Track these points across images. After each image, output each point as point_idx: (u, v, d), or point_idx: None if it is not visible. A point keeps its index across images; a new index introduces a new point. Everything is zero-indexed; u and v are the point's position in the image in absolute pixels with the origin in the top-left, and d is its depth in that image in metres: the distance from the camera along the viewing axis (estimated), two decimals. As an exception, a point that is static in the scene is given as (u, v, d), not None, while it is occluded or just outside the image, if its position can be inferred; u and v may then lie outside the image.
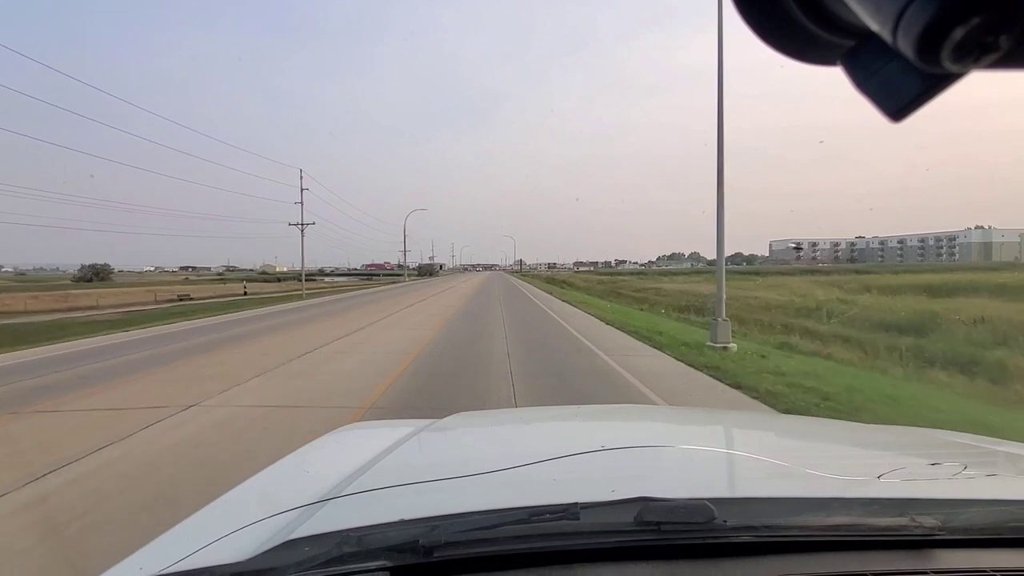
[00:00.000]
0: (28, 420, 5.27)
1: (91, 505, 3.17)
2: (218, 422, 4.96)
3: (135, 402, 5.78)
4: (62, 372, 7.88)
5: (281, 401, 5.73)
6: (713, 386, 6.51)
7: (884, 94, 0.30)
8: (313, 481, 1.16)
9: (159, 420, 5.00)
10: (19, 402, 5.95)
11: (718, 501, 0.76)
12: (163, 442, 4.38)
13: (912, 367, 9.02)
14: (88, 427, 4.87)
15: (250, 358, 8.74)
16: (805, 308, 18.97)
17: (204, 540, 0.83)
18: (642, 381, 6.65)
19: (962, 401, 6.29)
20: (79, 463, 3.88)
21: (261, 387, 6.48)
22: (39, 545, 2.81)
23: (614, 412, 2.19)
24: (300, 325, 14.44)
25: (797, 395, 5.73)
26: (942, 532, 0.75)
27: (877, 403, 5.55)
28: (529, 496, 0.92)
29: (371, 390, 6.13)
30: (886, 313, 16.10)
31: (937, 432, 1.64)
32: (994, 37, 0.24)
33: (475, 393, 6.05)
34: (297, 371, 7.53)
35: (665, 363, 8.11)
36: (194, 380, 6.92)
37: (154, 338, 12.20)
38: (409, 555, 0.71)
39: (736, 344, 9.01)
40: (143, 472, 3.74)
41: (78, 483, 3.53)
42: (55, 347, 10.90)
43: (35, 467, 3.76)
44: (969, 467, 1.04)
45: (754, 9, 0.33)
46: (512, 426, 1.87)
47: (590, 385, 6.46)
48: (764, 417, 2.68)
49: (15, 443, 4.49)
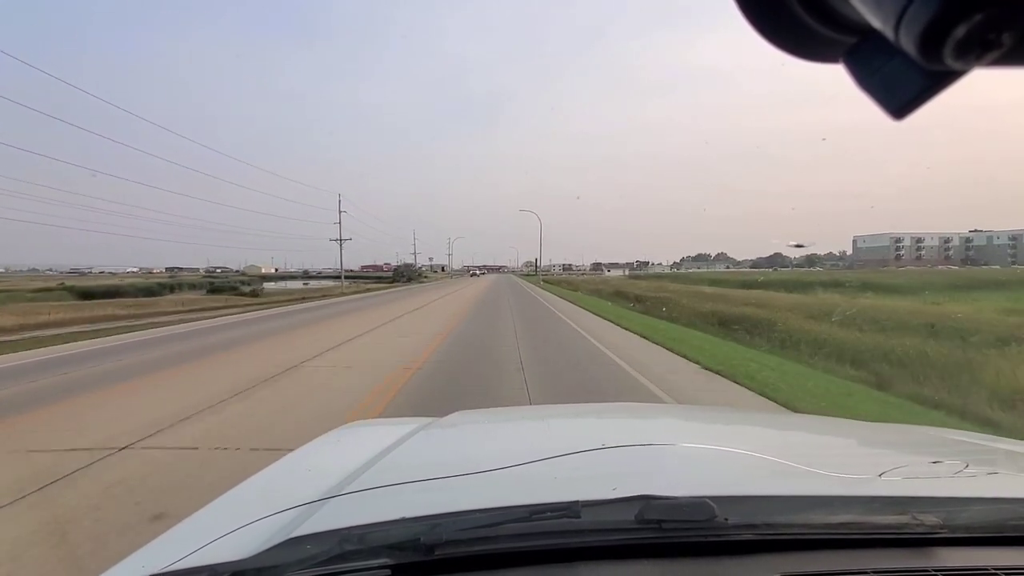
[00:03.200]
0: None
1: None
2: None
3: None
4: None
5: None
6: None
7: (886, 91, 0.30)
8: (315, 479, 1.16)
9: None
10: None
11: (719, 499, 0.77)
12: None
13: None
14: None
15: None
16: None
17: (206, 538, 0.83)
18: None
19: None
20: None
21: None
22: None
23: (615, 410, 2.19)
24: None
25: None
26: (944, 530, 0.75)
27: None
28: (530, 494, 0.92)
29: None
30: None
31: (938, 430, 1.64)
32: (997, 34, 0.24)
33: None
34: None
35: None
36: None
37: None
38: (411, 553, 0.71)
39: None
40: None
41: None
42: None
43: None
44: (970, 465, 1.04)
45: (756, 6, 0.32)
46: (513, 424, 1.87)
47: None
48: (765, 415, 2.69)
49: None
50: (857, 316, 12.16)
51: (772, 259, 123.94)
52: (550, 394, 5.76)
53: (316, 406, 5.37)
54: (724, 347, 9.91)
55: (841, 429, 1.75)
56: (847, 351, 8.95)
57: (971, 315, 12.42)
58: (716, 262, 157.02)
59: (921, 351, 8.13)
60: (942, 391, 6.30)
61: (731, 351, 9.33)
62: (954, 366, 7.32)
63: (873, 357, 8.30)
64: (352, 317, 16.22)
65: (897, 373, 7.35)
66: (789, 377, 6.96)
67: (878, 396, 6.33)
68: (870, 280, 35.72)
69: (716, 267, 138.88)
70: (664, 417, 1.99)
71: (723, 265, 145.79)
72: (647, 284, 37.76)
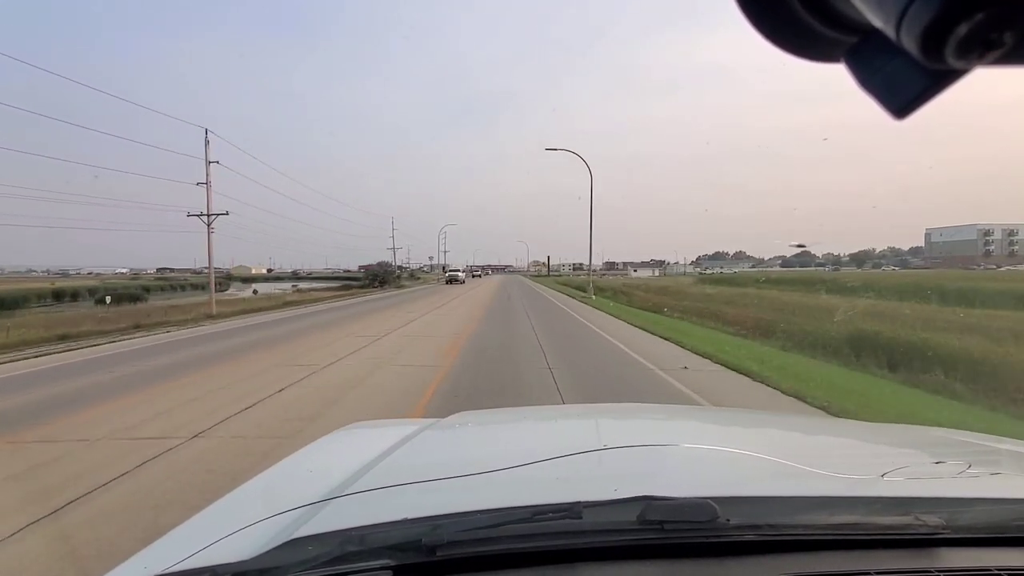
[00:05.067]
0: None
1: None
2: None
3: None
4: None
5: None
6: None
7: (888, 91, 0.30)
8: (316, 480, 1.16)
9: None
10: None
11: (721, 500, 0.76)
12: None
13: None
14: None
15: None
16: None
17: (207, 539, 0.83)
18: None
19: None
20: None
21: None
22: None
23: (617, 411, 2.19)
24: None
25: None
26: (946, 531, 0.75)
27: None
28: (532, 495, 0.92)
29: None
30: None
31: (940, 430, 1.64)
32: (999, 33, 0.24)
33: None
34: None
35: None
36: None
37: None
38: (412, 554, 0.71)
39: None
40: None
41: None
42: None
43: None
44: (973, 465, 1.03)
45: (757, 6, 0.32)
46: (515, 425, 1.87)
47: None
48: (767, 416, 2.68)
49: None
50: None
51: (801, 257, 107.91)
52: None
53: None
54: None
55: (843, 430, 1.75)
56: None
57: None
58: (736, 261, 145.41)
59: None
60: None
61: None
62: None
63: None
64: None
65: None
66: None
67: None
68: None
69: (741, 266, 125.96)
70: (666, 418, 1.98)
71: (747, 264, 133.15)
72: (757, 294, 22.53)
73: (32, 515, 3.12)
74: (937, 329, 10.13)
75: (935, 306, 15.95)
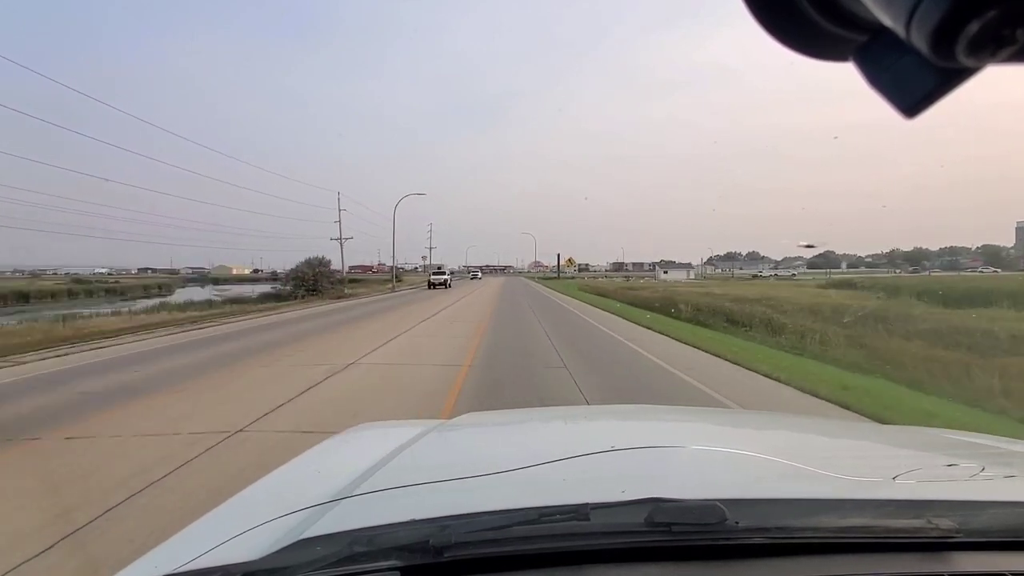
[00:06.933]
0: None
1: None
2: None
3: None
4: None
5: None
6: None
7: (897, 90, 0.30)
8: (324, 481, 1.16)
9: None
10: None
11: (730, 502, 0.76)
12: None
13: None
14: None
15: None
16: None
17: (217, 539, 0.84)
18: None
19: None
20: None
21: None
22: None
23: (625, 412, 2.18)
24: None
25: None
26: (959, 534, 0.74)
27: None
28: (539, 496, 0.92)
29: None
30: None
31: (953, 433, 1.62)
32: (1011, 30, 0.24)
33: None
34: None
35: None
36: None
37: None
38: (420, 555, 0.71)
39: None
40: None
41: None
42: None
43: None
44: (987, 468, 1.02)
45: (765, 5, 0.32)
46: (522, 426, 1.87)
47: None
48: (776, 417, 2.66)
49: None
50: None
51: (826, 257, 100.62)
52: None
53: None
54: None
55: (853, 431, 1.73)
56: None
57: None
58: (750, 261, 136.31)
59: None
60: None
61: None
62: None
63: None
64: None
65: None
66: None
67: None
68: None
69: (759, 267, 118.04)
70: (674, 419, 1.97)
71: (764, 266, 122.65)
72: (946, 314, 13.59)
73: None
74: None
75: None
